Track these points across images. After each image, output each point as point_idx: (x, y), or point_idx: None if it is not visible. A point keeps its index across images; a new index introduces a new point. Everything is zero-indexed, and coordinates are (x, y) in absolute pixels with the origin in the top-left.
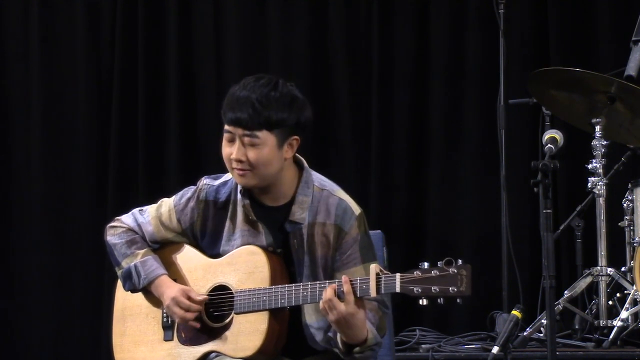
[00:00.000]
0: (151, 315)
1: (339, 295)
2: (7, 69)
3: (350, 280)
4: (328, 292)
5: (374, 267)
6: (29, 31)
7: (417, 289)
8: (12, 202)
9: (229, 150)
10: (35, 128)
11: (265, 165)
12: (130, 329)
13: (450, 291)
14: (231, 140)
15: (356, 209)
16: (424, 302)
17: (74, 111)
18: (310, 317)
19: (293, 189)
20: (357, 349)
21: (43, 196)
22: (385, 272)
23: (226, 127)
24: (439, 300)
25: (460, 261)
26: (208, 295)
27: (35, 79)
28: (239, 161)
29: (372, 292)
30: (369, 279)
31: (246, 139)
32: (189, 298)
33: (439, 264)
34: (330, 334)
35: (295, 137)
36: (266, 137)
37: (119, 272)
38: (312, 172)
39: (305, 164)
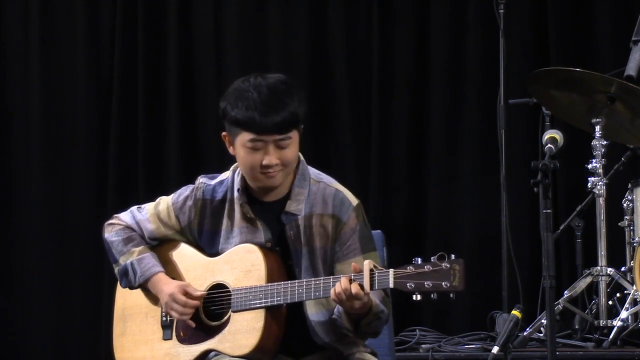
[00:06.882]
0: (150, 314)
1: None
2: (7, 69)
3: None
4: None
5: (367, 263)
6: (29, 31)
7: (410, 284)
8: (12, 201)
9: (258, 157)
10: (35, 128)
11: (293, 161)
12: (130, 328)
13: (443, 286)
14: (258, 148)
15: (353, 200)
16: (417, 297)
17: (74, 111)
18: (310, 309)
19: (290, 182)
20: (363, 320)
21: (43, 196)
22: (379, 267)
23: (254, 135)
24: (432, 296)
25: (453, 256)
26: (206, 293)
27: (35, 79)
28: (272, 165)
29: (366, 288)
30: (362, 275)
31: (281, 142)
32: (186, 294)
33: (432, 259)
34: (335, 315)
35: (302, 126)
36: (295, 135)
37: (116, 270)
38: (307, 166)
39: (302, 157)
